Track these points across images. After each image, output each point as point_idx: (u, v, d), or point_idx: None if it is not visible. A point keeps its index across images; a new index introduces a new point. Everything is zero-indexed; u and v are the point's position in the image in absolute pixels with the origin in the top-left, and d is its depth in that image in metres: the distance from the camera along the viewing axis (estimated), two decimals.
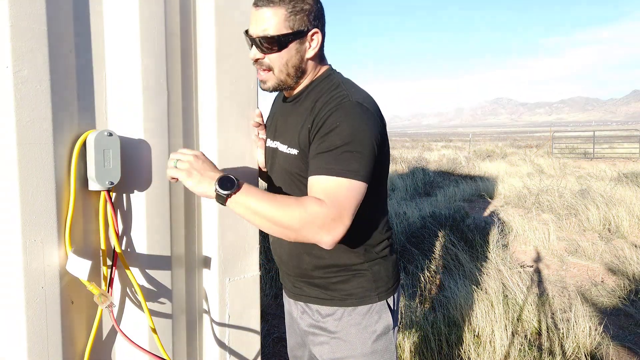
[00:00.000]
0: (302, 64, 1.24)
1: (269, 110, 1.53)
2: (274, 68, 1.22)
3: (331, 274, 1.31)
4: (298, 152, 1.23)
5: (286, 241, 1.31)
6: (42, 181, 0.95)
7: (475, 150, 20.56)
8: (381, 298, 1.32)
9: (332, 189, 1.09)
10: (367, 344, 1.29)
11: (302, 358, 1.50)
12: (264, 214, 1.08)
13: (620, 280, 4.34)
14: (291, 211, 1.08)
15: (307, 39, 1.22)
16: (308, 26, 1.20)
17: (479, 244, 5.09)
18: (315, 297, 1.34)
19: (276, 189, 1.33)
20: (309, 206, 1.08)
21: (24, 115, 0.91)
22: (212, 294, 1.35)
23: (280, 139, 1.32)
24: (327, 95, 1.23)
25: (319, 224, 1.07)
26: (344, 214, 1.09)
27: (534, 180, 9.70)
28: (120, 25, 1.08)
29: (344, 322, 1.30)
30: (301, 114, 1.26)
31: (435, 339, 2.96)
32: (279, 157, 1.31)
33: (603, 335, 3.14)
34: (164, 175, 1.18)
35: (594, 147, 19.32)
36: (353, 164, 1.11)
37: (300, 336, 1.45)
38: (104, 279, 1.09)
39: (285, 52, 1.20)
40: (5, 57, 0.89)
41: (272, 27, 1.17)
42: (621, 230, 5.95)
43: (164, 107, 1.17)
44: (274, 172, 1.35)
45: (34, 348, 0.96)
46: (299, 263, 1.33)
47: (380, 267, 1.33)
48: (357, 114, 1.16)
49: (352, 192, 1.10)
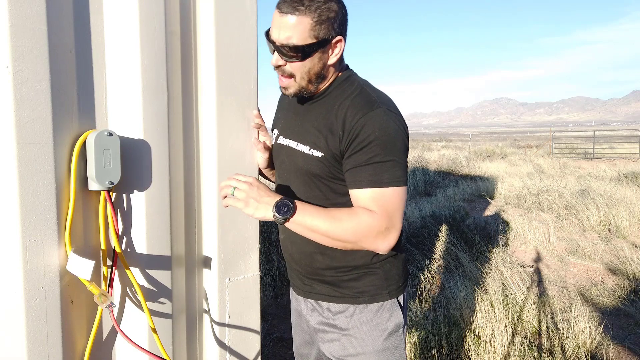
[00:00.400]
0: (323, 71, 1.25)
1: (277, 105, 1.52)
2: (295, 75, 1.22)
3: (342, 272, 1.31)
4: (322, 155, 1.24)
5: (298, 239, 1.32)
6: (42, 181, 0.95)
7: (475, 150, 20.57)
8: (392, 296, 1.33)
9: (381, 199, 1.16)
10: (378, 341, 1.30)
11: (308, 356, 1.50)
12: (321, 231, 1.15)
13: (620, 280, 4.34)
14: (346, 225, 1.15)
15: (331, 46, 1.21)
16: (332, 34, 1.19)
17: (479, 244, 5.09)
18: (326, 295, 1.35)
19: (291, 188, 1.32)
20: (363, 219, 1.15)
21: (24, 115, 0.91)
22: (212, 294, 1.35)
23: (298, 138, 1.31)
24: (353, 99, 1.23)
25: (374, 234, 1.15)
26: (395, 221, 1.17)
27: (534, 180, 9.70)
28: (120, 25, 1.08)
29: (355, 319, 1.31)
30: (323, 115, 1.26)
31: (435, 339, 2.96)
32: (296, 156, 1.30)
33: (603, 335, 3.14)
34: (164, 175, 1.18)
35: (594, 147, 19.33)
36: (396, 171, 1.17)
37: (309, 334, 1.46)
38: (104, 279, 1.09)
39: (308, 61, 1.20)
40: (5, 57, 0.89)
41: (297, 36, 1.16)
42: (621, 230, 5.95)
43: (164, 107, 1.17)
44: (288, 170, 1.35)
45: (34, 348, 0.96)
46: (311, 262, 1.34)
47: (391, 265, 1.34)
48: (390, 121, 1.19)
49: (398, 198, 1.18)
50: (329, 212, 1.17)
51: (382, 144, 1.16)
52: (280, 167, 1.39)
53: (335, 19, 1.18)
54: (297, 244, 1.35)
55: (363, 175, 1.17)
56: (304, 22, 1.15)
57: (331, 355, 1.36)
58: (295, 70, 1.21)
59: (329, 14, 1.16)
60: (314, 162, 1.25)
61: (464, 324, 3.19)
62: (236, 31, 1.32)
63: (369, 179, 1.16)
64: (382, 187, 1.16)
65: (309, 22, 1.15)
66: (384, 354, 1.31)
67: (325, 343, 1.37)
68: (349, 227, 1.14)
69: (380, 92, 1.27)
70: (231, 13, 1.31)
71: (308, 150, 1.27)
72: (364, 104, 1.21)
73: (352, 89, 1.27)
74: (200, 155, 1.32)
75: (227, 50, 1.31)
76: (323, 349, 1.39)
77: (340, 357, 1.33)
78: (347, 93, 1.26)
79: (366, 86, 1.28)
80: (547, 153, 19.22)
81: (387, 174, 1.16)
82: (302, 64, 1.20)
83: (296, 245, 1.36)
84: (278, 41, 1.18)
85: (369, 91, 1.26)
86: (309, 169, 1.27)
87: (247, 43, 1.35)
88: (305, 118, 1.31)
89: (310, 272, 1.35)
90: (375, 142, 1.16)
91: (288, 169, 1.34)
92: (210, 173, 1.32)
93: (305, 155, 1.27)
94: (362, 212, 1.15)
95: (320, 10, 1.15)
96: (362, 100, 1.22)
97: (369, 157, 1.16)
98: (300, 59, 1.19)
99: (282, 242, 1.44)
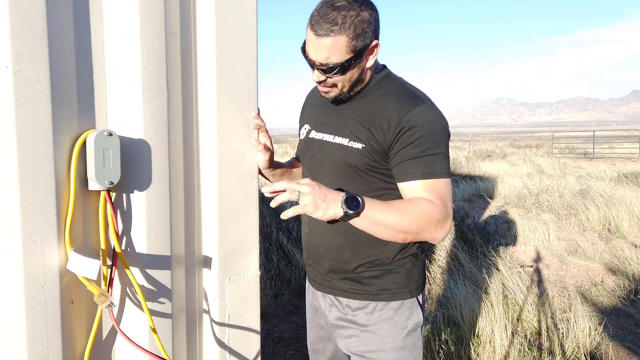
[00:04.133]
0: (362, 75, 1.28)
1: (305, 101, 1.55)
2: (337, 84, 1.26)
3: (366, 268, 1.33)
4: (363, 146, 1.26)
5: (326, 233, 1.34)
6: (42, 181, 0.95)
7: (475, 150, 20.56)
8: (413, 295, 1.34)
9: (436, 189, 1.20)
10: (397, 339, 1.31)
11: (323, 352, 1.51)
12: (387, 224, 1.16)
13: (620, 280, 4.34)
14: (411, 215, 1.16)
15: (368, 52, 1.24)
16: (368, 42, 1.21)
17: (478, 244, 5.10)
18: (346, 291, 1.36)
19: (327, 180, 1.33)
20: (425, 208, 1.17)
21: (24, 115, 0.91)
22: (212, 294, 1.35)
23: (335, 132, 1.33)
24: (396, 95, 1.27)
25: (435, 222, 1.18)
26: (449, 210, 1.21)
27: (534, 180, 9.70)
28: (120, 25, 1.08)
29: (376, 316, 1.32)
30: (364, 110, 1.29)
31: (435, 339, 2.96)
32: (333, 149, 1.33)
33: (603, 335, 3.14)
34: (164, 175, 1.18)
35: (594, 147, 19.33)
36: (445, 163, 1.23)
37: (326, 330, 1.46)
38: (104, 278, 1.09)
39: (348, 73, 1.23)
40: (5, 57, 0.88)
41: (335, 55, 1.18)
42: (621, 230, 5.95)
43: (164, 107, 1.17)
44: (321, 164, 1.37)
45: (33, 348, 0.96)
46: (337, 256, 1.34)
47: (413, 265, 1.36)
48: (436, 115, 1.24)
49: (449, 188, 1.23)
50: (392, 205, 1.18)
51: (432, 137, 1.20)
52: (311, 161, 1.40)
53: (369, 27, 1.19)
54: (324, 237, 1.36)
55: (416, 167, 1.20)
56: (340, 41, 1.16)
57: (349, 351, 1.36)
58: (337, 81, 1.25)
59: (363, 26, 1.17)
60: (354, 154, 1.28)
61: (464, 324, 3.19)
62: (236, 31, 1.32)
63: (423, 171, 1.20)
64: (437, 178, 1.20)
65: (345, 39, 1.16)
66: (403, 351, 1.32)
67: (343, 339, 1.38)
68: (414, 217, 1.16)
69: (419, 89, 1.32)
70: (231, 13, 1.31)
71: (348, 142, 1.29)
72: (409, 99, 1.25)
73: (394, 85, 1.30)
74: (200, 155, 1.32)
75: (227, 50, 1.31)
76: (340, 345, 1.39)
77: (358, 352, 1.34)
78: (388, 89, 1.29)
79: (406, 83, 1.33)
80: (547, 153, 19.22)
81: (438, 165, 1.20)
82: (342, 76, 1.23)
83: (323, 238, 1.37)
84: (317, 62, 1.21)
85: (411, 88, 1.30)
86: (348, 160, 1.29)
87: (247, 43, 1.35)
88: (343, 113, 1.34)
89: (334, 267, 1.36)
90: (425, 136, 1.20)
91: (321, 162, 1.36)
92: (210, 173, 1.32)
93: (345, 147, 1.30)
94: (423, 201, 1.18)
95: (354, 25, 1.16)
96: (407, 96, 1.26)
97: (420, 150, 1.20)
98: (341, 74, 1.22)
99: (307, 235, 1.44)
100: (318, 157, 1.37)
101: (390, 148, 1.24)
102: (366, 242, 1.30)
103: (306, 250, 1.46)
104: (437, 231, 1.19)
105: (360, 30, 1.17)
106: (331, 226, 1.32)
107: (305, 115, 1.51)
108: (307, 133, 1.43)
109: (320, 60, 1.20)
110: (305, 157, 1.44)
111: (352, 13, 1.16)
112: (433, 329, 3.07)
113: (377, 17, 1.22)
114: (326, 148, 1.35)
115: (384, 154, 1.25)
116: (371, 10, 1.20)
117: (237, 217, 1.37)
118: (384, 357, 1.31)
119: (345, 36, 1.16)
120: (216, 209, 1.32)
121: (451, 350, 2.91)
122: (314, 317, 1.51)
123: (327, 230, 1.31)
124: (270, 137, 1.45)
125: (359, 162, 1.27)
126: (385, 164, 1.27)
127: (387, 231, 1.17)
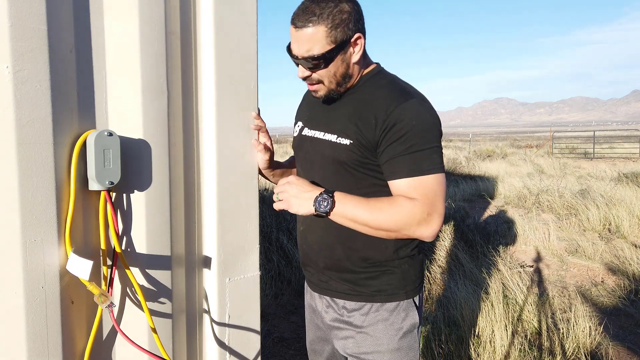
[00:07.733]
0: (349, 70, 1.27)
1: (302, 99, 1.55)
2: (323, 80, 1.26)
3: (361, 268, 1.32)
4: (351, 142, 1.26)
5: (319, 230, 1.34)
6: (42, 181, 0.95)
7: (475, 150, 20.57)
8: (409, 296, 1.34)
9: (421, 187, 1.17)
10: (393, 340, 1.31)
11: (321, 352, 1.51)
12: (363, 221, 1.17)
13: (620, 280, 4.34)
14: (387, 214, 1.16)
15: (351, 45, 1.23)
16: (349, 34, 1.21)
17: (479, 244, 5.09)
18: (342, 292, 1.36)
19: (318, 177, 1.34)
20: (403, 206, 1.16)
21: (24, 115, 0.91)
22: (212, 294, 1.35)
23: (325, 128, 1.33)
24: (386, 91, 1.26)
25: (416, 221, 1.15)
26: (437, 207, 1.17)
27: (534, 180, 9.70)
28: (120, 25, 1.08)
29: (371, 317, 1.32)
30: (354, 105, 1.29)
31: (435, 339, 2.96)
32: (322, 145, 1.33)
33: (603, 335, 3.14)
34: (164, 175, 1.18)
35: (594, 147, 19.33)
36: (435, 158, 1.19)
37: (323, 331, 1.46)
38: (104, 279, 1.09)
39: (332, 66, 1.23)
40: (5, 57, 0.88)
41: (315, 46, 1.18)
42: (621, 230, 5.95)
43: (164, 107, 1.17)
44: (312, 161, 1.37)
45: (34, 348, 0.96)
46: (331, 254, 1.34)
47: (409, 265, 1.35)
48: (424, 110, 1.21)
49: (439, 184, 1.19)
50: (369, 201, 1.18)
51: (419, 133, 1.18)
52: (303, 159, 1.41)
53: (350, 19, 1.19)
54: (318, 234, 1.36)
55: (402, 165, 1.19)
56: (319, 31, 1.17)
57: (345, 352, 1.36)
58: (322, 76, 1.25)
59: (342, 16, 1.18)
60: (342, 150, 1.27)
61: (464, 324, 3.19)
62: (236, 31, 1.32)
63: (409, 169, 1.18)
64: (423, 175, 1.17)
65: (324, 29, 1.17)
66: (398, 353, 1.31)
67: (339, 340, 1.37)
68: (389, 215, 1.15)
69: (411, 85, 1.30)
70: (231, 13, 1.31)
71: (336, 138, 1.29)
72: (398, 94, 1.23)
73: (384, 81, 1.30)
74: (200, 155, 1.32)
75: (227, 50, 1.31)
76: (337, 346, 1.39)
77: (354, 354, 1.34)
78: (379, 85, 1.28)
79: (397, 79, 1.31)
80: (547, 153, 19.22)
81: (426, 162, 1.18)
82: (326, 70, 1.23)
83: (316, 236, 1.37)
84: (300, 55, 1.21)
85: (401, 83, 1.29)
86: (337, 156, 1.28)
87: (247, 43, 1.35)
88: (334, 109, 1.34)
89: (329, 265, 1.36)
90: (412, 132, 1.18)
91: (312, 159, 1.36)
92: (210, 173, 1.32)
93: (333, 144, 1.29)
94: (402, 200, 1.17)
95: (332, 15, 1.17)
96: (396, 91, 1.25)
97: (407, 147, 1.18)
98: (324, 66, 1.22)
99: (301, 233, 1.44)
100: (310, 154, 1.38)
101: (378, 144, 1.22)
102: (359, 240, 1.30)
103: (301, 249, 1.46)
104: (421, 229, 1.17)
105: (339, 20, 1.17)
106: (325, 223, 1.31)
107: (299, 112, 1.51)
108: (299, 130, 1.44)
109: (302, 54, 1.21)
110: (299, 154, 1.44)
111: (330, 4, 1.18)
112: (433, 329, 3.07)
113: (359, 9, 1.23)
114: (317, 145, 1.34)
115: (373, 150, 1.24)
116: (351, 2, 1.21)
117: (237, 217, 1.37)
118: (379, 358, 1.31)
119: (324, 26, 1.17)
120: (216, 209, 1.32)
121: (451, 350, 2.91)
122: (312, 318, 1.51)
123: (321, 228, 1.31)
124: (270, 137, 1.45)
125: (348, 158, 1.26)
126: (375, 160, 1.26)
127: (364, 228, 1.19)
